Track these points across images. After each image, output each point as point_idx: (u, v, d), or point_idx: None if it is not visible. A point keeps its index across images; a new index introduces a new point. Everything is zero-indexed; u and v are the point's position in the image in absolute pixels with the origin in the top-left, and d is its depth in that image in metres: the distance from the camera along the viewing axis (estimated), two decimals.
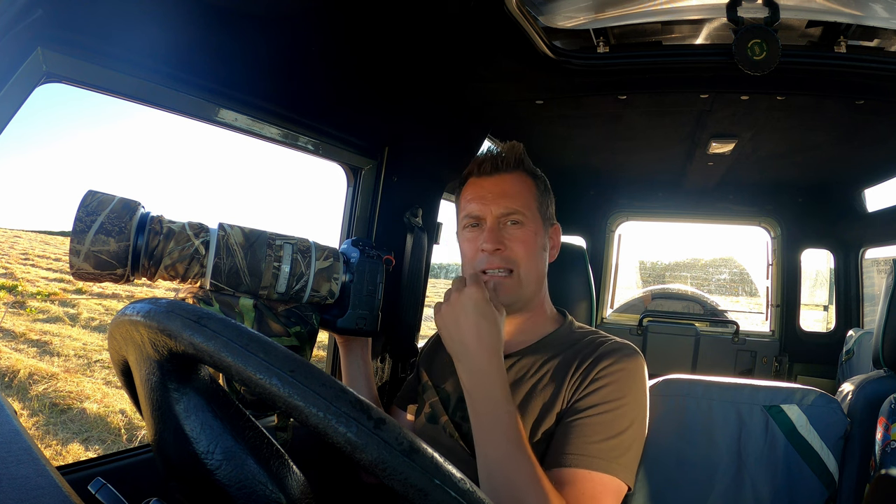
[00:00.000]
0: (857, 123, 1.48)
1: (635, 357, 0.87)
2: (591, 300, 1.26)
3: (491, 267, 0.90)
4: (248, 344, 0.35)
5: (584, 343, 0.91)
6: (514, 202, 0.92)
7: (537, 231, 0.94)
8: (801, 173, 2.14)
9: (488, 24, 1.01)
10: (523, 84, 1.33)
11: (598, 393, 0.82)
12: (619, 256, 2.89)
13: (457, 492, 0.33)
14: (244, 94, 1.01)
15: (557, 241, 1.01)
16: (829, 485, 1.07)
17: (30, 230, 25.08)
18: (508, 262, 0.90)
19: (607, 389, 0.82)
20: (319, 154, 1.25)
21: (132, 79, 0.84)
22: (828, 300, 3.73)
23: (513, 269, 0.91)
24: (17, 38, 0.66)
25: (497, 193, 0.92)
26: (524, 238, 0.91)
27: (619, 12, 1.14)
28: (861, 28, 1.15)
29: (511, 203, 0.91)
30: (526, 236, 0.91)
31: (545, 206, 0.97)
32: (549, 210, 0.99)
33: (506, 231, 0.91)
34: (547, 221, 0.98)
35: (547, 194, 0.99)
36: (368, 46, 1.06)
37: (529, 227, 0.92)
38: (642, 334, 2.73)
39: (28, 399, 5.10)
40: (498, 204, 0.91)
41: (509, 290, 0.90)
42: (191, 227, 0.72)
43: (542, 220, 0.96)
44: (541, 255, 0.94)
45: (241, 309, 0.74)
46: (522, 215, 0.92)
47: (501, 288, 0.90)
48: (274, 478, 0.42)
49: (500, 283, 0.90)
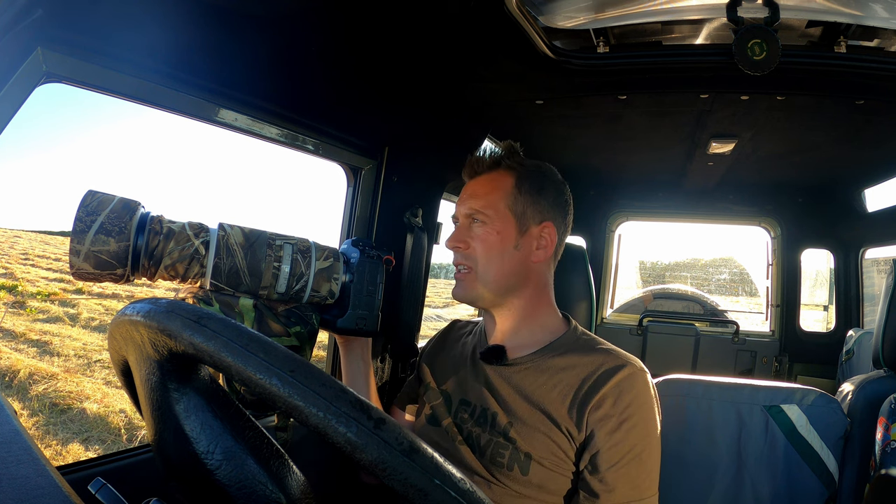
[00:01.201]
0: (857, 123, 1.48)
1: (646, 378, 0.87)
2: (591, 300, 1.26)
3: (455, 263, 0.97)
4: (248, 344, 0.35)
5: (595, 362, 0.87)
6: (477, 202, 0.94)
7: (503, 229, 0.93)
8: (801, 173, 2.14)
9: (488, 25, 1.01)
10: (523, 84, 1.33)
11: (626, 441, 0.81)
12: (619, 256, 2.89)
13: (457, 492, 0.33)
14: (244, 94, 1.02)
15: (550, 240, 0.95)
16: (829, 485, 1.07)
17: (30, 230, 25.08)
18: (468, 259, 0.94)
19: (635, 434, 0.82)
20: (319, 154, 1.25)
21: (132, 79, 0.84)
22: (828, 300, 3.73)
23: (472, 267, 0.94)
24: (17, 38, 0.66)
25: (469, 194, 0.97)
26: (484, 236, 0.93)
27: (619, 12, 1.14)
28: (861, 28, 1.15)
29: (475, 203, 0.94)
30: (486, 235, 0.93)
31: (526, 203, 0.94)
32: (536, 207, 0.95)
33: (471, 230, 0.95)
34: (527, 218, 0.94)
35: (535, 191, 0.95)
36: (368, 46, 1.06)
37: (492, 226, 0.93)
38: (642, 334, 2.73)
39: (28, 399, 5.10)
40: (465, 204, 0.96)
41: (467, 287, 0.94)
42: (191, 227, 0.72)
43: (516, 217, 0.93)
44: (507, 253, 0.92)
45: (241, 309, 0.74)
46: (484, 214, 0.93)
47: (460, 284, 0.96)
48: (274, 478, 0.42)
49: (459, 279, 0.96)
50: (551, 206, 0.96)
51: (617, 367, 0.85)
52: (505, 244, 0.93)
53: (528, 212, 0.94)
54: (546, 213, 0.96)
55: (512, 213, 0.93)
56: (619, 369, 0.85)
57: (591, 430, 0.82)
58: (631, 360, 0.88)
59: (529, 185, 0.95)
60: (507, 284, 0.94)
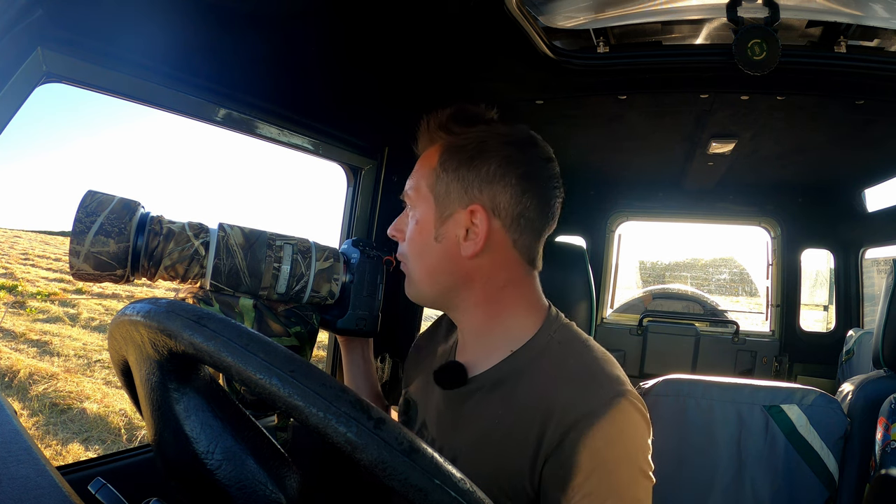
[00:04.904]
0: (857, 123, 1.48)
1: (626, 411, 0.63)
2: (591, 300, 1.26)
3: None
4: (248, 344, 0.35)
5: (563, 392, 0.65)
6: (408, 183, 0.77)
7: (422, 217, 0.74)
8: (801, 173, 2.14)
9: (488, 25, 1.01)
10: (523, 84, 1.33)
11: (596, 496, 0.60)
12: (619, 256, 2.89)
13: (457, 492, 0.33)
14: (244, 94, 1.02)
15: (482, 228, 0.69)
16: (829, 485, 1.07)
17: (30, 230, 25.09)
18: (401, 252, 0.79)
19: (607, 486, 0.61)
20: (319, 154, 1.25)
21: (132, 79, 0.84)
22: (828, 300, 3.73)
23: (405, 262, 0.78)
24: (17, 38, 0.66)
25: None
26: (409, 226, 0.76)
27: (619, 12, 1.14)
28: (861, 28, 1.15)
29: (407, 184, 0.78)
30: (410, 224, 0.76)
31: (450, 181, 0.71)
32: (462, 185, 0.70)
33: (407, 217, 0.78)
34: (450, 201, 0.71)
35: (465, 165, 0.71)
36: (368, 46, 1.06)
37: (413, 213, 0.75)
38: (642, 334, 2.73)
39: (28, 399, 5.10)
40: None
41: (406, 285, 0.79)
42: (191, 227, 0.72)
43: (436, 200, 0.72)
44: (427, 247, 0.73)
45: (241, 309, 0.74)
46: (409, 198, 0.76)
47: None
48: (274, 478, 0.42)
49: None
50: (485, 182, 0.70)
51: (588, 402, 0.63)
52: (424, 235, 0.73)
53: (453, 192, 0.71)
54: (475, 191, 0.70)
55: (433, 194, 0.72)
56: (590, 405, 0.63)
57: (550, 486, 0.63)
58: (608, 384, 0.65)
59: (459, 157, 0.71)
60: (439, 285, 0.74)
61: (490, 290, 0.73)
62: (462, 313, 0.76)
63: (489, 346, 0.74)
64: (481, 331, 0.75)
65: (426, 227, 0.73)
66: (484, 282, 0.73)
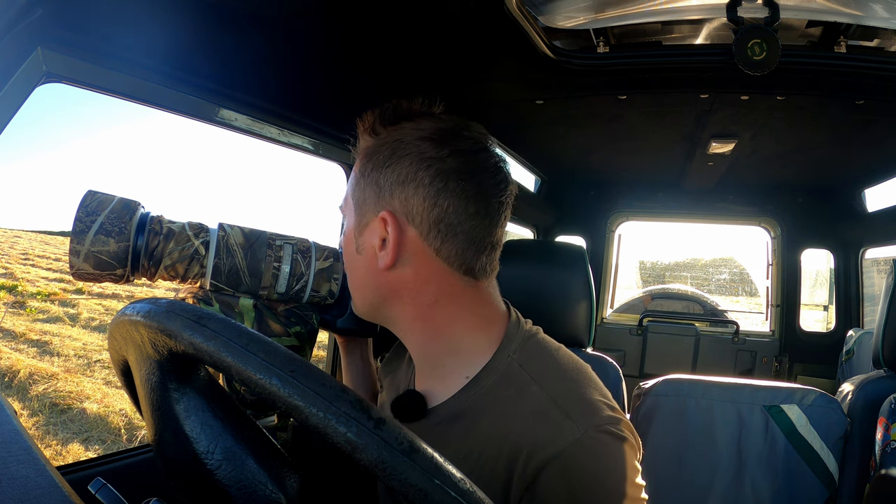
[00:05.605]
0: (857, 123, 1.49)
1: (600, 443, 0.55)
2: (590, 300, 1.26)
3: None
4: (248, 344, 0.35)
5: (527, 427, 0.57)
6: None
7: (347, 227, 0.68)
8: (801, 173, 2.14)
9: (488, 24, 1.01)
10: (523, 84, 1.33)
11: None
12: (619, 256, 2.89)
13: (457, 492, 0.33)
14: (244, 94, 1.02)
15: (392, 236, 0.60)
16: (829, 485, 1.07)
17: (30, 230, 25.08)
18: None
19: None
20: (319, 154, 1.25)
21: (132, 79, 0.84)
22: (828, 300, 3.73)
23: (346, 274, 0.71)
24: (17, 38, 0.66)
25: None
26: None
27: (619, 12, 1.14)
28: (861, 28, 1.15)
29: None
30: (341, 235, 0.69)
31: (367, 186, 0.64)
32: (376, 189, 0.62)
33: None
34: (367, 209, 0.63)
35: (381, 166, 0.62)
36: (368, 46, 1.06)
37: (345, 222, 0.69)
38: (642, 334, 2.73)
39: (28, 399, 5.10)
40: None
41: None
42: (191, 227, 0.72)
43: (356, 209, 0.65)
44: (352, 259, 0.67)
45: (241, 309, 0.74)
46: (341, 206, 0.71)
47: None
48: (274, 478, 0.42)
49: None
50: (396, 185, 0.61)
51: (556, 441, 0.54)
52: (348, 247, 0.67)
53: (369, 199, 0.63)
54: (387, 196, 0.62)
55: (354, 204, 0.66)
56: (558, 445, 0.54)
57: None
58: (580, 416, 0.56)
59: (375, 160, 0.63)
60: (367, 300, 0.67)
61: (420, 306, 0.63)
62: (401, 332, 0.68)
63: (442, 371, 0.66)
64: (428, 353, 0.66)
65: (349, 238, 0.67)
66: (412, 297, 0.63)
